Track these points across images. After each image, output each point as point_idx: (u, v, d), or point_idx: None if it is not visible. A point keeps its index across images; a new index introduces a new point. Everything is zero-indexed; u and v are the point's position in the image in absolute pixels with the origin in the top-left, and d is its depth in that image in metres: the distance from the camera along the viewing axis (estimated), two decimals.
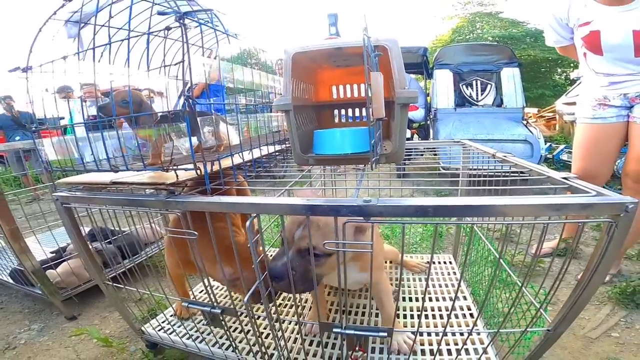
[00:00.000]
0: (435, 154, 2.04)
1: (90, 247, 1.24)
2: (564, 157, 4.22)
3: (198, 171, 0.66)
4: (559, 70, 14.78)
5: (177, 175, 0.69)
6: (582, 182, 0.69)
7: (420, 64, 5.11)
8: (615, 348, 1.29)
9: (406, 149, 1.40)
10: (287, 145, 1.27)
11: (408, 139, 2.08)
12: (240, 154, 0.84)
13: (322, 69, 1.43)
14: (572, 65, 13.28)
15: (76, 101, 0.96)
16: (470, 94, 4.40)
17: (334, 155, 0.88)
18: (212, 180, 0.81)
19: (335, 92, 1.45)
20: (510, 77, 4.32)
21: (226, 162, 0.87)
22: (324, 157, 0.90)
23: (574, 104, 3.97)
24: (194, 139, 0.66)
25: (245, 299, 0.73)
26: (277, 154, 1.21)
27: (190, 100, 0.65)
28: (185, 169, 0.69)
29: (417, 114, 5.09)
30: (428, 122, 4.99)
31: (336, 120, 1.43)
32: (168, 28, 0.84)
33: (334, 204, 0.58)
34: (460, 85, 4.43)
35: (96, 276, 1.18)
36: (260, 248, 0.78)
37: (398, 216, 0.57)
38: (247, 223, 0.62)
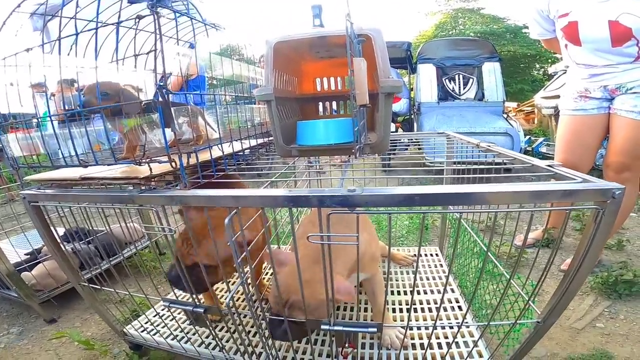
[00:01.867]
0: (419, 148, 2.04)
1: (64, 248, 1.18)
2: (543, 149, 4.32)
3: (173, 164, 0.62)
4: (537, 65, 15.12)
5: (150, 169, 0.65)
6: (567, 170, 0.69)
7: (404, 59, 5.15)
8: (601, 339, 1.31)
9: (390, 142, 1.39)
10: (271, 139, 1.24)
11: (392, 132, 2.08)
12: (220, 146, 0.80)
13: (305, 61, 1.40)
14: (549, 60, 13.62)
15: (43, 95, 0.91)
16: (453, 88, 4.46)
17: (318, 145, 0.86)
18: (193, 174, 0.78)
19: (319, 84, 1.42)
20: (491, 72, 4.41)
21: (208, 156, 0.83)
22: (307, 148, 0.87)
23: (552, 98, 4.07)
24: (168, 131, 0.62)
25: (227, 299, 0.70)
26: (259, 147, 1.17)
27: (163, 90, 0.62)
28: (159, 162, 0.65)
29: (401, 106, 5.12)
30: (412, 115, 5.04)
31: (320, 113, 1.41)
32: (139, 17, 0.79)
33: (317, 194, 0.55)
34: (443, 79, 4.49)
35: (71, 278, 1.12)
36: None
37: (384, 206, 0.55)
38: (226, 220, 0.59)
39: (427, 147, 1.60)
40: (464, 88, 4.45)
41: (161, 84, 0.61)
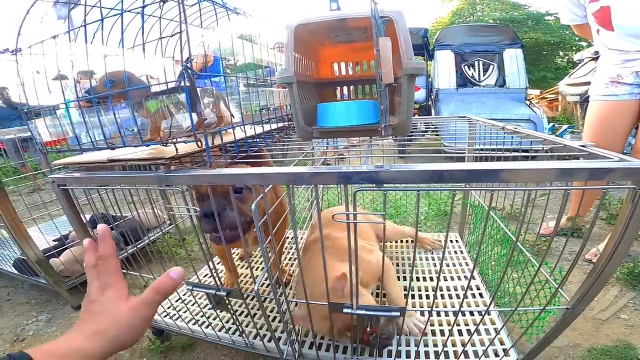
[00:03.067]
0: (437, 135, 2.00)
1: (92, 232, 1.21)
2: (567, 137, 4.18)
3: (199, 143, 0.63)
4: (561, 53, 14.55)
5: (176, 149, 0.65)
6: (602, 150, 0.66)
7: (421, 45, 5.05)
8: (625, 330, 1.27)
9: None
10: (288, 123, 1.23)
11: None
12: (242, 128, 0.81)
13: (323, 46, 1.39)
14: (574, 48, 13.09)
15: (68, 84, 0.92)
16: (472, 74, 4.36)
17: (340, 127, 0.85)
18: (216, 156, 0.78)
19: (337, 69, 1.41)
20: (513, 58, 4.28)
21: (228, 137, 0.84)
22: (329, 129, 0.87)
23: (578, 85, 3.92)
24: (194, 113, 0.62)
25: (256, 287, 0.70)
26: (279, 130, 1.17)
27: (190, 71, 0.62)
28: (185, 142, 0.65)
29: (419, 95, 5.05)
30: (429, 102, 4.95)
31: (338, 97, 1.40)
32: (164, 0, 0.79)
33: (344, 170, 0.55)
34: (462, 65, 4.39)
35: None
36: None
37: (412, 182, 0.54)
38: (253, 206, 0.59)
39: (446, 132, 1.56)
40: (484, 74, 4.34)
41: (187, 65, 0.61)
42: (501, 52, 4.33)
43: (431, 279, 1.39)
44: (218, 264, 1.62)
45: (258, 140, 0.91)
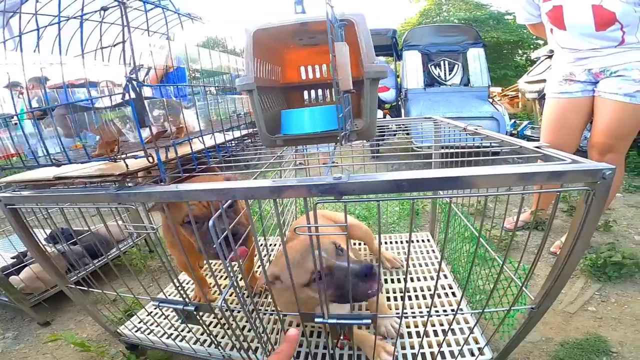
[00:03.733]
0: (407, 134, 2.03)
1: (50, 249, 1.14)
2: (528, 132, 4.38)
3: (150, 159, 0.59)
4: (520, 51, 15.26)
5: (126, 165, 0.61)
6: (555, 151, 0.68)
7: (390, 46, 5.11)
8: (594, 323, 1.31)
9: (379, 128, 1.38)
10: (255, 130, 1.20)
11: (380, 119, 2.06)
12: (201, 138, 0.77)
13: (289, 49, 1.36)
14: (532, 46, 13.75)
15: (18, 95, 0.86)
16: (439, 74, 4.47)
17: (304, 134, 0.83)
18: (174, 169, 0.75)
19: (303, 72, 1.39)
20: (476, 57, 4.42)
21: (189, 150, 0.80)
22: (292, 137, 0.85)
23: (535, 82, 4.11)
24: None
25: (220, 301, 0.67)
26: (245, 138, 1.14)
27: (135, 83, 0.58)
28: (135, 157, 0.61)
29: (389, 95, 5.13)
30: (399, 102, 5.04)
31: (306, 101, 1.38)
32: (104, 8, 0.75)
33: (302, 183, 0.53)
34: (429, 65, 4.49)
35: (57, 280, 1.09)
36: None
37: (372, 193, 0.53)
38: (210, 223, 0.55)
39: (414, 133, 1.58)
40: (449, 74, 4.46)
41: (131, 76, 0.57)
42: (465, 51, 4.46)
43: (404, 279, 1.40)
44: (184, 281, 1.57)
45: (218, 151, 0.87)
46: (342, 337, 0.87)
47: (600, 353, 1.16)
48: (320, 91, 1.38)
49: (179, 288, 0.86)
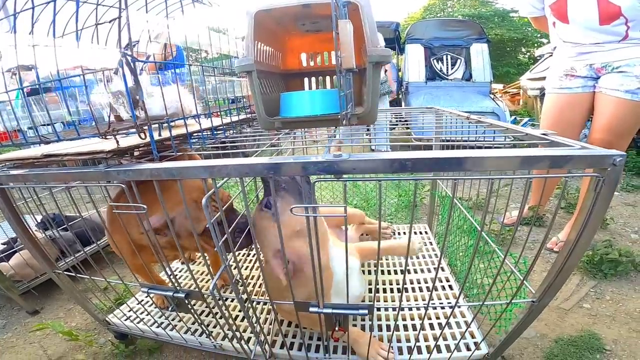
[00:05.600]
0: (407, 127, 2.00)
1: (41, 235, 1.11)
2: (529, 128, 4.36)
3: (142, 135, 0.56)
4: (524, 49, 15.21)
5: (117, 142, 0.59)
6: (563, 138, 0.65)
7: (393, 39, 5.08)
8: (589, 320, 1.31)
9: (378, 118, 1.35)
10: (254, 114, 1.18)
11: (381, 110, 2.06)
12: (197, 119, 0.75)
13: (290, 36, 1.33)
14: (535, 44, 13.70)
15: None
16: (441, 68, 4.45)
17: (303, 117, 0.80)
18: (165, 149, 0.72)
19: (305, 59, 1.36)
20: (479, 53, 4.39)
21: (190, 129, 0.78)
22: (292, 119, 0.82)
23: (538, 79, 4.09)
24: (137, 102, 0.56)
25: (211, 286, 0.65)
26: (242, 122, 1.11)
27: (130, 57, 0.55)
28: (127, 134, 0.59)
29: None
30: (400, 95, 5.02)
31: (306, 88, 1.35)
32: None
33: (300, 161, 0.51)
34: (431, 59, 4.46)
35: (45, 266, 1.06)
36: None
37: (373, 172, 0.51)
38: (204, 200, 0.53)
39: (414, 124, 1.56)
40: (451, 68, 4.44)
41: (125, 51, 0.55)
42: (468, 46, 4.43)
43: (401, 271, 1.38)
44: (176, 269, 1.55)
45: (213, 133, 0.85)
46: (337, 329, 0.85)
47: (594, 350, 1.15)
48: (320, 79, 1.35)
49: (170, 275, 0.84)
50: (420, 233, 1.68)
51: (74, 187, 0.92)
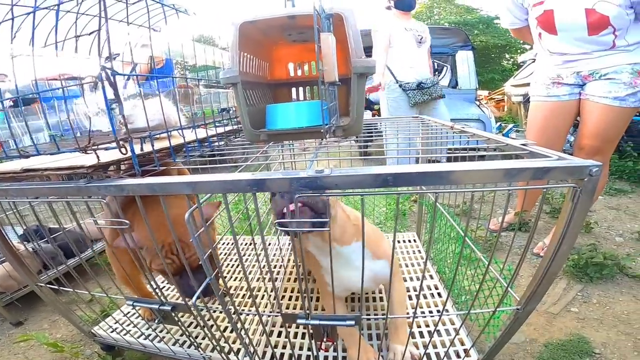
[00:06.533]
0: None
1: (22, 247, 1.08)
2: (513, 135, 4.44)
3: (123, 150, 0.56)
4: (507, 56, 15.55)
5: (97, 157, 0.58)
6: (541, 148, 0.67)
7: None
8: (577, 324, 1.32)
9: (367, 128, 1.36)
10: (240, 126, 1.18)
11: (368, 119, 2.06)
12: (180, 131, 0.74)
13: (277, 46, 1.34)
14: (519, 50, 14.03)
15: None
16: None
17: (288, 129, 0.81)
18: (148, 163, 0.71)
19: (292, 69, 1.37)
20: (465, 60, 4.46)
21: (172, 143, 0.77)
22: (277, 132, 0.82)
23: (521, 86, 4.18)
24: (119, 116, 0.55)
25: (194, 299, 0.64)
26: (229, 134, 1.11)
27: (110, 71, 0.55)
28: (107, 149, 0.58)
29: (378, 96, 5.12)
30: None
31: (294, 99, 1.36)
32: None
33: (282, 177, 0.51)
34: None
35: (26, 279, 1.04)
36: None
37: (355, 187, 0.51)
38: (187, 215, 0.52)
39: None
40: (438, 76, 4.50)
41: (105, 64, 0.54)
42: (454, 53, 4.50)
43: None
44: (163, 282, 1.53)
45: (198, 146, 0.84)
46: (325, 340, 0.85)
47: (584, 354, 1.16)
48: (308, 88, 1.36)
49: (156, 288, 0.82)
50: (409, 241, 1.69)
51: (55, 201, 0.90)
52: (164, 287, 1.51)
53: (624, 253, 1.77)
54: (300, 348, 1.09)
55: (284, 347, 1.11)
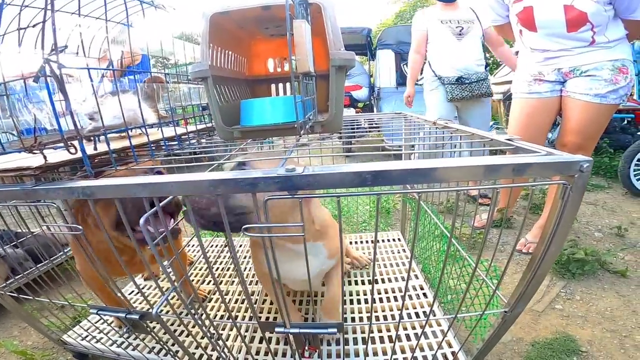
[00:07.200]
0: (379, 132, 2.00)
1: None
2: (493, 132, 4.49)
3: (72, 150, 0.50)
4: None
5: (44, 157, 0.52)
6: (528, 143, 0.64)
7: (364, 45, 5.12)
8: (562, 321, 1.31)
9: (350, 125, 1.32)
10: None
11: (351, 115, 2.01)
12: (144, 129, 0.68)
13: (255, 40, 1.29)
14: None
15: None
16: None
17: (263, 126, 0.76)
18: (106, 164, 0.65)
19: (271, 65, 1.32)
20: None
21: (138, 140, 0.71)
22: (251, 128, 0.77)
23: (501, 84, 4.22)
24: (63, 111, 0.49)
25: (155, 310, 0.59)
26: (203, 132, 1.05)
27: (55, 63, 0.49)
28: (55, 149, 0.52)
29: (362, 94, 5.12)
30: (372, 101, 5.06)
31: (273, 95, 1.31)
32: None
33: (248, 176, 0.46)
34: (402, 65, 4.51)
35: None
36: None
37: (331, 187, 0.46)
38: (142, 220, 0.46)
39: (386, 131, 1.55)
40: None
41: (49, 57, 0.48)
42: None
43: (376, 281, 1.35)
44: (143, 286, 1.46)
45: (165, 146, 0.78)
46: (307, 347, 0.81)
47: (571, 352, 1.15)
48: (288, 85, 1.31)
49: (120, 297, 0.77)
50: (393, 240, 1.66)
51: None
52: (132, 292, 1.45)
53: (604, 248, 1.79)
54: (284, 355, 1.05)
55: (267, 354, 1.06)
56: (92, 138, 0.62)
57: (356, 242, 1.67)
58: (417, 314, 1.16)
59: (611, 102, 1.47)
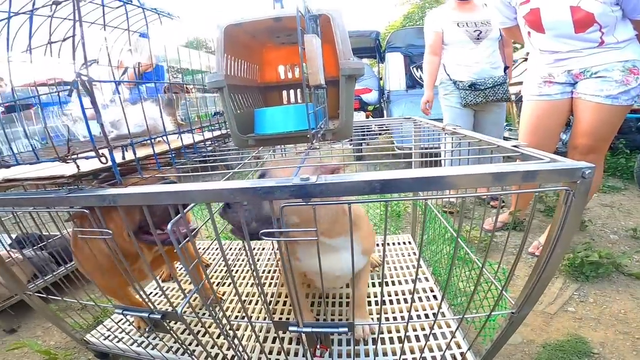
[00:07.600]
0: (390, 135, 2.02)
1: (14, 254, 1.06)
2: (506, 133, 4.44)
3: (103, 159, 0.54)
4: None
5: (77, 166, 0.56)
6: (533, 150, 0.66)
7: (373, 48, 5.13)
8: (574, 323, 1.30)
9: (361, 129, 1.35)
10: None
11: (362, 120, 2.01)
12: (165, 137, 0.72)
13: (266, 48, 1.33)
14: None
15: None
16: (420, 75, 4.49)
17: (277, 134, 0.79)
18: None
19: (283, 72, 1.36)
20: None
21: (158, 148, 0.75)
22: (265, 136, 0.81)
23: (512, 84, 4.16)
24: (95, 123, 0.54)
25: (179, 309, 0.63)
26: (218, 139, 1.09)
27: (87, 78, 0.53)
28: (87, 158, 0.56)
29: (371, 97, 5.12)
30: (382, 104, 5.06)
31: (285, 102, 1.34)
32: (56, 3, 0.69)
33: (265, 185, 0.49)
34: (411, 67, 4.50)
35: (14, 287, 1.02)
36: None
37: (343, 195, 0.49)
38: (169, 226, 0.50)
39: (396, 134, 1.57)
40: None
41: (81, 72, 0.52)
42: None
43: (386, 283, 1.37)
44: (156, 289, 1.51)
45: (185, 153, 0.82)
46: (319, 346, 0.83)
47: (582, 355, 1.15)
48: (299, 91, 1.34)
49: (145, 299, 0.81)
50: (403, 243, 1.67)
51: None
52: (152, 293, 1.50)
53: (619, 251, 1.77)
54: (296, 354, 1.08)
55: (279, 353, 1.09)
56: (120, 147, 0.66)
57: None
58: (426, 315, 1.18)
59: (623, 104, 1.46)
